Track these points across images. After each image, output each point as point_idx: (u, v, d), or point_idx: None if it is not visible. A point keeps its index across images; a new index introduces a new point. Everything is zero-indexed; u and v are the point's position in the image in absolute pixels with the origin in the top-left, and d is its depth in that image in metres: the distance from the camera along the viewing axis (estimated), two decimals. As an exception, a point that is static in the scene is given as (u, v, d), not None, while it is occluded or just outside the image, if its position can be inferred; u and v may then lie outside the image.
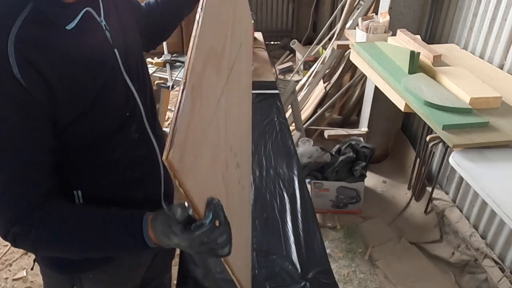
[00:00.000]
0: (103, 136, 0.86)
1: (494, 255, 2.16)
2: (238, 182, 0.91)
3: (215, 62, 0.81)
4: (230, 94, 0.89)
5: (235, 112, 0.95)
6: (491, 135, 1.49)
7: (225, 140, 0.82)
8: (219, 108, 0.79)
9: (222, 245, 0.71)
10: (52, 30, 0.76)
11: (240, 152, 0.95)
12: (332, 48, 3.20)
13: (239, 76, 1.05)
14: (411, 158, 2.87)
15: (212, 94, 0.76)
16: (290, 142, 1.57)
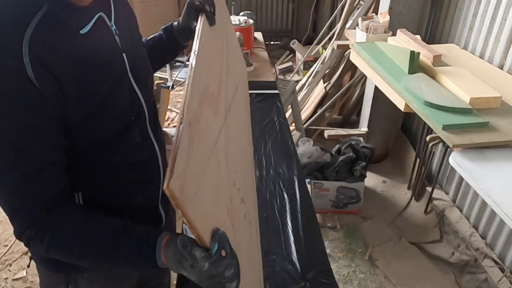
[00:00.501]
0: (107, 138, 0.86)
1: (494, 255, 2.16)
2: (244, 217, 0.93)
3: (212, 102, 0.84)
4: (228, 133, 0.92)
5: (235, 149, 0.97)
6: (491, 135, 1.49)
7: (227, 176, 0.84)
8: (218, 145, 0.81)
9: (230, 278, 0.72)
10: (65, 33, 0.76)
11: (244, 188, 0.97)
12: (332, 48, 3.20)
13: (237, 115, 1.08)
14: (411, 158, 2.87)
15: (209, 132, 0.78)
16: (290, 142, 1.57)
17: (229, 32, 1.29)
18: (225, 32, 1.21)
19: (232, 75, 1.14)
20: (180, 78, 2.53)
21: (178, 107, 3.97)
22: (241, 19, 2.19)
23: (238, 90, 1.16)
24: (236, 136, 1.03)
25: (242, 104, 1.22)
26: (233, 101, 1.06)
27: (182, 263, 0.72)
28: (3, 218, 2.58)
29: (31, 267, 2.26)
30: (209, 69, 0.91)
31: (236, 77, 1.20)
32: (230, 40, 1.28)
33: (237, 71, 1.24)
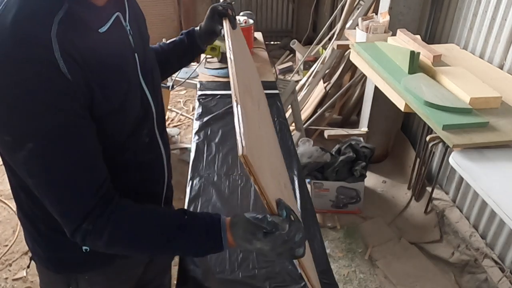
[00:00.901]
0: (117, 138, 0.87)
1: (494, 255, 2.16)
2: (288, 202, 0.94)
3: (248, 92, 0.89)
4: (262, 124, 0.96)
5: (269, 142, 1.00)
6: (491, 135, 1.49)
7: (269, 160, 0.86)
8: (260, 130, 0.85)
9: (299, 243, 0.76)
10: (86, 31, 0.77)
11: (282, 178, 0.98)
12: (332, 48, 3.20)
13: (265, 126, 1.11)
14: (411, 158, 2.87)
15: (254, 116, 0.83)
16: (290, 142, 1.57)
17: (247, 53, 1.37)
18: (246, 52, 1.28)
19: (255, 92, 1.17)
20: (180, 78, 2.53)
21: (178, 107, 3.97)
22: (241, 19, 2.19)
23: (260, 106, 1.18)
24: (266, 131, 1.05)
25: (267, 120, 1.26)
26: (258, 112, 1.08)
27: (256, 234, 0.75)
28: (3, 218, 2.58)
29: (31, 267, 2.27)
30: (243, 70, 0.94)
31: (257, 94, 1.23)
32: (249, 59, 1.34)
33: (257, 89, 1.28)
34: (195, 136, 1.60)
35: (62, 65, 0.70)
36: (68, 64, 0.70)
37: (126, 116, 0.86)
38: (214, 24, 1.15)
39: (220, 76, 1.99)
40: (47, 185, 0.75)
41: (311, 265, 0.94)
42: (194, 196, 1.30)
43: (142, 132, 0.93)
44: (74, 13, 0.74)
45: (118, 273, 1.04)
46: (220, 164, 1.45)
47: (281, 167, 1.12)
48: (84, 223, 0.76)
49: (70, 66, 0.71)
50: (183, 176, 1.34)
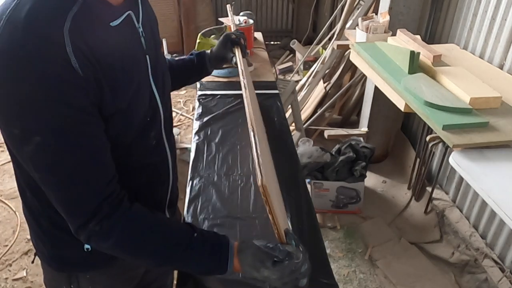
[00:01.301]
0: (124, 139, 0.87)
1: (494, 255, 2.16)
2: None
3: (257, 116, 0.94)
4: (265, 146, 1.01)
5: (271, 163, 1.06)
6: (491, 135, 1.49)
7: (274, 184, 0.90)
8: (268, 156, 0.90)
9: (304, 274, 0.77)
10: (98, 26, 0.77)
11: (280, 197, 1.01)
12: (332, 48, 3.20)
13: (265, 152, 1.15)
14: (411, 158, 2.87)
15: (264, 142, 0.89)
16: (290, 142, 1.57)
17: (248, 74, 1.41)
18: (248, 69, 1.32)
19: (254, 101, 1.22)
20: (180, 78, 2.53)
21: (178, 107, 3.97)
22: (241, 19, 2.19)
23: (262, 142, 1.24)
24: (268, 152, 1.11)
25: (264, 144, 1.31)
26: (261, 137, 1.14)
27: (265, 262, 0.76)
28: (3, 218, 2.58)
29: (32, 267, 2.27)
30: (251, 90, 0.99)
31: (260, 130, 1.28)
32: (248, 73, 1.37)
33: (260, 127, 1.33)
34: (195, 136, 1.59)
35: (74, 61, 0.69)
36: (79, 60, 0.70)
37: (133, 116, 0.86)
38: (226, 51, 1.18)
39: (220, 76, 1.99)
40: (53, 181, 0.74)
41: None
42: (194, 196, 1.30)
43: (150, 135, 0.94)
44: (88, 8, 0.74)
45: (120, 273, 1.04)
46: (220, 164, 1.45)
47: (277, 184, 1.15)
48: (91, 222, 0.76)
49: (82, 62, 0.71)
50: (183, 176, 1.34)
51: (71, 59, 0.69)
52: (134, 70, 0.86)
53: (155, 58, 0.93)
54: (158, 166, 1.00)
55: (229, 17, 2.19)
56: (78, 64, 0.70)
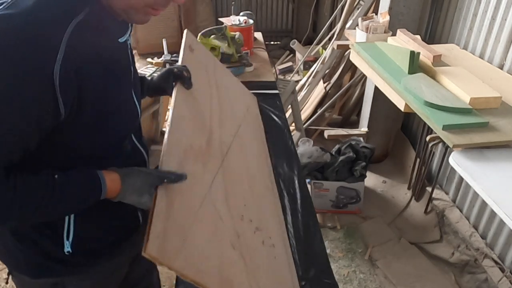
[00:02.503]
0: (103, 148, 0.88)
1: (494, 255, 2.16)
2: (263, 243, 0.97)
3: (199, 156, 0.97)
4: (229, 174, 1.03)
5: (241, 185, 1.06)
6: (491, 135, 1.49)
7: (230, 214, 0.91)
8: (212, 191, 0.90)
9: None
10: (105, 37, 0.79)
11: (259, 216, 1.02)
12: (332, 48, 3.20)
13: (242, 152, 1.19)
14: (411, 158, 2.87)
15: (198, 183, 0.90)
16: (290, 142, 1.57)
17: (220, 79, 1.43)
18: (215, 82, 1.36)
19: (231, 120, 1.27)
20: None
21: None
22: (241, 19, 2.19)
23: (241, 128, 1.28)
24: (243, 171, 1.12)
25: (251, 136, 1.33)
26: (234, 141, 1.18)
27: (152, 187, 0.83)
28: (3, 218, 2.57)
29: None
30: (193, 128, 1.04)
31: (237, 118, 1.32)
32: (223, 87, 1.42)
33: (237, 112, 1.36)
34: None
35: (57, 71, 0.69)
36: (64, 71, 0.70)
37: (117, 126, 0.88)
38: (166, 84, 1.18)
39: (220, 76, 1.99)
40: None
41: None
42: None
43: (126, 142, 0.96)
44: (96, 18, 0.75)
45: (105, 276, 1.05)
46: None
47: (264, 202, 1.15)
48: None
49: (66, 74, 0.70)
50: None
51: (54, 68, 0.69)
52: (122, 83, 0.88)
53: (135, 69, 0.97)
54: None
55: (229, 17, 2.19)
56: (60, 75, 0.69)
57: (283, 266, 0.99)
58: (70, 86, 0.72)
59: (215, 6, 5.28)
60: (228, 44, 1.95)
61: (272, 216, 1.11)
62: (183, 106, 1.06)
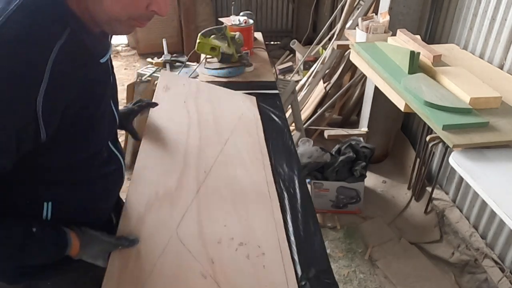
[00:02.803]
0: (81, 158, 0.89)
1: (494, 255, 2.16)
2: (247, 257, 0.99)
3: (165, 199, 1.04)
4: (207, 198, 1.10)
5: (226, 200, 1.12)
6: (491, 135, 1.49)
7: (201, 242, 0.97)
8: (181, 228, 0.97)
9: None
10: (88, 59, 0.78)
11: (242, 230, 1.05)
12: (332, 48, 3.20)
13: (227, 168, 1.25)
14: (411, 158, 2.87)
15: (164, 226, 0.97)
16: (290, 142, 1.57)
17: (204, 102, 1.55)
18: (196, 110, 1.47)
19: (214, 139, 1.35)
20: (180, 78, 2.53)
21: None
22: (241, 19, 2.19)
23: (229, 142, 1.37)
24: (227, 188, 1.17)
25: (242, 144, 1.40)
26: (217, 161, 1.26)
27: (107, 253, 0.92)
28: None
29: None
30: (159, 174, 1.12)
31: (224, 133, 1.40)
32: (207, 108, 1.52)
33: (225, 125, 1.44)
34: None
35: (41, 96, 0.68)
36: (48, 96, 0.69)
37: (96, 139, 0.89)
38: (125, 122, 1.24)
39: (220, 76, 1.99)
40: None
41: None
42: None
43: (102, 149, 0.97)
44: (76, 39, 0.74)
45: (81, 275, 1.04)
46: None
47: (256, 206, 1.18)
48: None
49: (49, 99, 0.70)
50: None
51: (39, 93, 0.68)
52: (103, 96, 0.88)
53: (113, 77, 0.96)
54: (114, 174, 1.03)
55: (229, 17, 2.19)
56: (43, 100, 0.69)
57: (275, 272, 0.99)
58: (52, 112, 0.72)
59: (215, 6, 5.28)
60: (228, 44, 1.95)
61: (264, 222, 1.12)
62: (147, 157, 1.15)
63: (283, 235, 1.11)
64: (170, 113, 1.38)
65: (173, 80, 1.63)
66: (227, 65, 1.99)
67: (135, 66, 4.91)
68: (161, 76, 1.64)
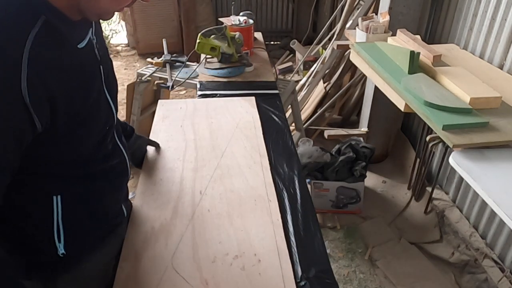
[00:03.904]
0: (86, 150, 0.90)
1: (494, 255, 2.16)
2: (243, 268, 1.02)
3: (161, 233, 1.09)
4: (202, 219, 1.15)
5: (221, 216, 1.16)
6: (491, 135, 1.49)
7: (196, 266, 1.01)
8: (176, 256, 1.02)
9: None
10: (64, 46, 0.78)
11: (237, 242, 1.09)
12: (332, 48, 3.20)
13: (223, 181, 1.30)
14: (411, 158, 2.87)
15: (160, 258, 1.02)
16: (290, 142, 1.57)
17: (201, 119, 1.62)
18: (192, 131, 1.54)
19: (211, 155, 1.41)
20: (180, 78, 2.53)
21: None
22: (241, 19, 2.19)
23: (225, 153, 1.43)
24: (223, 202, 1.22)
25: (239, 151, 1.45)
26: (213, 176, 1.31)
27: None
28: (3, 218, 2.57)
29: None
30: (154, 209, 1.18)
31: (222, 144, 1.47)
32: (204, 124, 1.58)
33: (222, 137, 1.51)
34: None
35: (25, 87, 0.68)
36: (32, 86, 0.69)
37: (95, 126, 0.90)
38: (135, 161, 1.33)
39: (220, 76, 2.00)
40: None
41: None
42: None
43: (106, 141, 0.97)
44: (51, 27, 0.74)
45: (90, 276, 1.05)
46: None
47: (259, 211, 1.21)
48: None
49: (34, 89, 0.70)
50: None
51: (21, 84, 0.68)
52: (92, 84, 0.87)
53: (106, 66, 0.95)
54: (118, 167, 1.04)
55: (229, 17, 2.19)
56: (28, 91, 0.69)
57: (271, 277, 1.00)
58: (40, 100, 0.72)
59: (215, 6, 5.28)
60: (228, 44, 1.95)
61: (262, 228, 1.14)
62: (144, 194, 1.23)
63: (282, 235, 1.12)
64: (167, 141, 1.47)
65: (170, 107, 1.72)
66: (227, 65, 1.99)
67: (135, 66, 4.91)
68: (159, 106, 1.72)
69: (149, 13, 4.91)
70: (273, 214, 1.18)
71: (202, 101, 1.78)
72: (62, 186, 0.90)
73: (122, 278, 0.98)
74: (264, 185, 1.29)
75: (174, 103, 1.78)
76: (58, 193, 0.89)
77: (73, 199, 0.92)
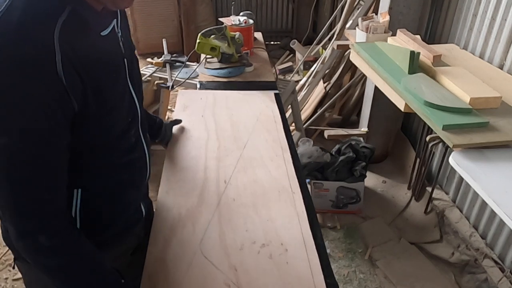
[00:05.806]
0: (109, 140, 0.92)
1: (494, 255, 2.16)
2: (270, 257, 1.03)
3: (189, 218, 1.11)
4: (228, 207, 1.16)
5: (247, 205, 1.17)
6: (491, 135, 1.49)
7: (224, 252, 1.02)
8: (204, 242, 1.04)
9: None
10: (88, 34, 0.80)
11: (264, 231, 1.09)
12: (332, 48, 3.20)
13: (247, 171, 1.31)
14: (411, 158, 2.87)
15: (188, 244, 1.03)
16: (290, 142, 1.57)
17: (222, 110, 1.63)
18: (213, 120, 1.55)
19: (233, 145, 1.42)
20: (180, 78, 2.53)
21: (178, 107, 3.97)
22: (241, 19, 2.19)
23: (248, 144, 1.43)
24: (247, 191, 1.23)
25: (262, 142, 1.45)
26: (237, 166, 1.32)
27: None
28: (3, 218, 2.57)
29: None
30: (180, 195, 1.19)
31: (243, 136, 1.47)
32: (225, 116, 1.59)
33: (244, 129, 1.51)
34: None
35: (60, 69, 0.72)
36: (66, 68, 0.73)
37: (117, 117, 0.91)
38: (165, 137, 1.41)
39: (220, 76, 1.99)
40: (4, 184, 0.75)
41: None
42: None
43: (130, 133, 0.98)
44: (77, 15, 0.77)
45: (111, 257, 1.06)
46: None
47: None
48: (41, 235, 0.78)
49: (68, 70, 0.73)
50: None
51: (57, 67, 0.71)
52: (117, 74, 0.90)
53: (130, 60, 0.97)
54: (138, 162, 1.05)
55: (229, 17, 2.19)
56: (64, 73, 0.72)
57: (299, 266, 1.01)
58: (75, 81, 0.75)
59: (215, 6, 5.28)
60: (228, 44, 1.95)
61: (287, 218, 1.15)
62: (169, 181, 1.24)
63: (307, 227, 1.13)
64: (189, 130, 1.48)
65: (191, 97, 1.73)
66: (227, 65, 1.98)
67: (135, 66, 4.91)
68: (179, 95, 1.74)
69: (149, 13, 4.91)
70: (297, 206, 1.20)
71: (221, 93, 1.79)
72: (84, 179, 0.92)
73: (151, 262, 0.98)
74: (287, 177, 1.31)
75: (194, 93, 1.78)
76: (78, 186, 0.91)
77: (93, 193, 0.94)
